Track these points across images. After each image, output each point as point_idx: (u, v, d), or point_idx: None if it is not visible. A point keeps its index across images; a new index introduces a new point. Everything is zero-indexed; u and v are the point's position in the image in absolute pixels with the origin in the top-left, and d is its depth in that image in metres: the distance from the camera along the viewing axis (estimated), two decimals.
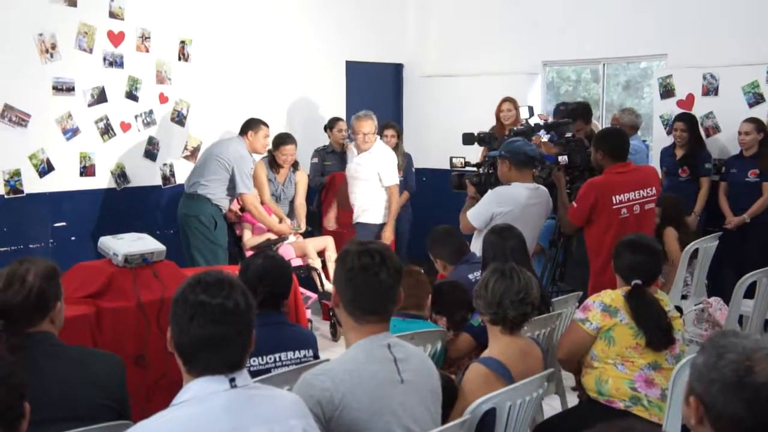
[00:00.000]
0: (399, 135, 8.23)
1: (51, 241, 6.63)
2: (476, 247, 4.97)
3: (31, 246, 6.48)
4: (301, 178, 7.50)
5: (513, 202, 5.11)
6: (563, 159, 5.65)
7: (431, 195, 8.68)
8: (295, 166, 7.41)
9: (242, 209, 6.96)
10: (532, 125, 6.14)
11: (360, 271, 2.51)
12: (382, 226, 6.94)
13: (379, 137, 7.14)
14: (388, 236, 6.92)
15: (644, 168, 5.73)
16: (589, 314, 3.74)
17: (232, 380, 2.12)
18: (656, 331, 3.66)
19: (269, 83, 8.09)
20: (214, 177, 6.53)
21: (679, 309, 4.04)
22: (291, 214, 7.43)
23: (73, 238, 6.73)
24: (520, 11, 8.69)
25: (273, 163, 7.28)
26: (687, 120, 7.21)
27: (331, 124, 8.20)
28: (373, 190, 6.94)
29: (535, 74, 8.74)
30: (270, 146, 7.15)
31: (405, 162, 8.23)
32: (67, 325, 3.04)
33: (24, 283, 2.72)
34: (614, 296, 3.76)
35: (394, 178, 7.04)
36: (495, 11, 8.86)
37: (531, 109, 6.54)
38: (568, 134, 6.05)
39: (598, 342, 3.72)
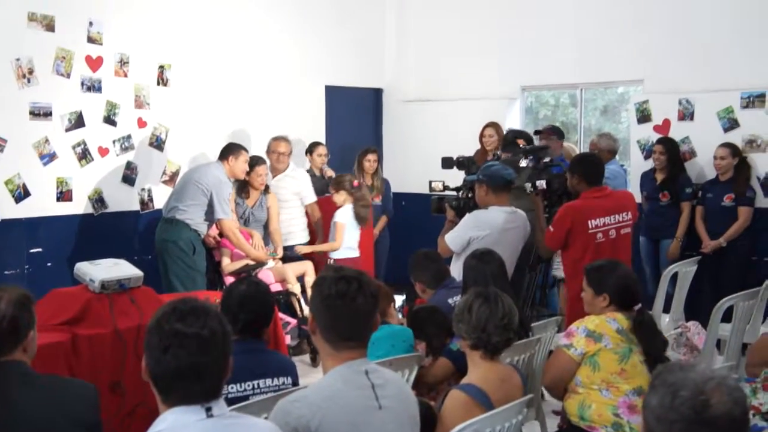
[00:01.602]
0: (379, 159, 8.26)
1: (26, 267, 6.57)
2: (455, 271, 4.99)
3: (6, 272, 6.42)
4: (273, 202, 7.47)
5: (490, 226, 5.13)
6: (541, 184, 5.68)
7: (410, 219, 8.71)
8: (266, 189, 7.40)
9: (221, 234, 6.92)
10: (527, 149, 6.18)
11: (336, 298, 2.50)
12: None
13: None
14: (302, 248, 7.38)
15: (620, 193, 5.77)
16: (573, 340, 3.74)
17: (208, 410, 2.10)
18: (660, 356, 3.68)
19: (248, 108, 8.11)
20: (192, 202, 6.51)
21: None
22: (266, 239, 7.41)
23: (49, 264, 6.67)
24: (499, 36, 8.76)
25: (242, 187, 7.27)
26: (665, 143, 7.28)
27: (310, 149, 8.21)
28: (294, 212, 7.48)
29: (514, 99, 8.80)
30: None
31: (383, 186, 8.25)
32: (43, 353, 3.01)
33: None
34: (598, 321, 3.76)
35: (313, 195, 7.54)
36: (474, 36, 8.93)
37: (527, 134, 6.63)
38: (546, 159, 6.08)
39: (583, 367, 3.72)
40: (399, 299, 5.24)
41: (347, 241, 7.20)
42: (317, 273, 6.95)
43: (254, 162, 7.12)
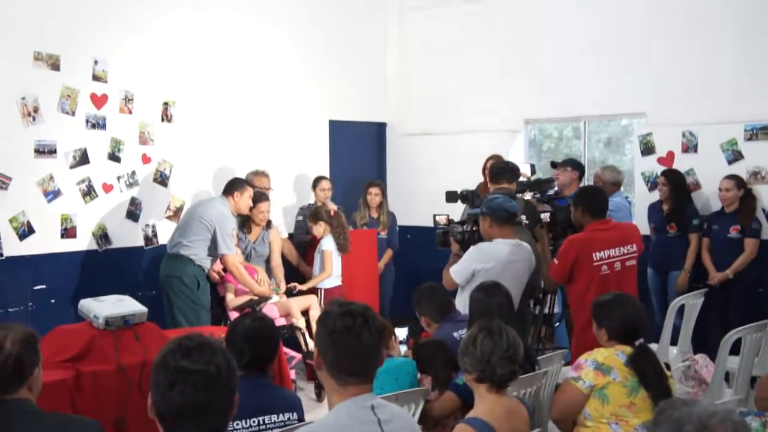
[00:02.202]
0: (383, 193, 8.30)
1: (30, 304, 6.57)
2: (460, 304, 4.99)
3: (9, 309, 6.42)
4: (275, 237, 7.51)
5: (495, 258, 5.14)
6: (546, 216, 5.70)
7: (416, 252, 8.71)
8: (268, 224, 7.43)
9: (225, 269, 6.93)
10: (531, 182, 6.20)
11: (342, 333, 2.50)
12: None
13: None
14: (301, 287, 7.42)
15: (625, 225, 5.79)
16: (581, 372, 3.74)
17: None
18: (661, 392, 3.66)
19: (252, 143, 8.16)
20: (196, 237, 6.53)
21: (667, 365, 4.05)
22: (269, 274, 7.42)
23: (53, 301, 6.67)
24: (502, 70, 8.82)
25: (244, 222, 7.30)
26: (669, 176, 7.29)
27: (314, 183, 8.25)
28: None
29: (518, 131, 8.84)
30: None
31: (389, 220, 8.28)
32: (47, 390, 3.01)
33: (1, 349, 2.69)
34: (607, 354, 3.76)
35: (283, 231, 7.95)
36: (477, 70, 8.99)
37: (533, 167, 6.65)
38: (551, 191, 6.10)
39: (592, 400, 3.71)
40: (402, 332, 5.21)
41: (334, 269, 7.38)
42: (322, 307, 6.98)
43: (257, 198, 7.15)
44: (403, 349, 4.91)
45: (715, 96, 7.44)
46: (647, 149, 7.82)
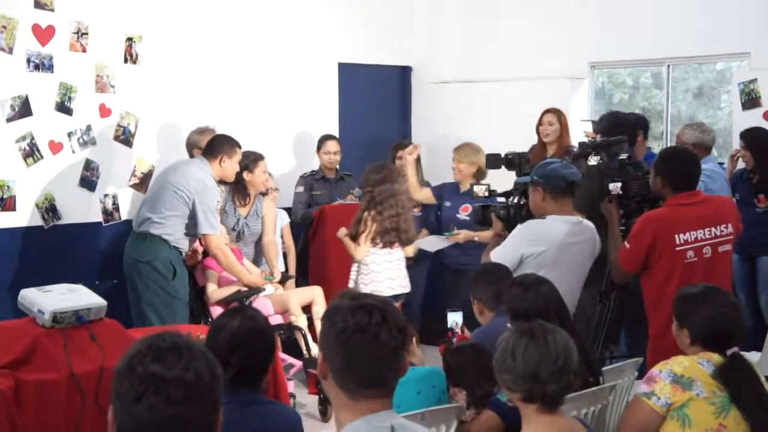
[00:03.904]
0: (418, 157, 8.22)
1: None
2: None
3: None
4: (270, 209, 7.55)
5: (548, 239, 5.16)
6: (615, 187, 5.69)
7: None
8: (263, 193, 7.50)
9: (206, 252, 6.96)
10: (596, 142, 6.18)
11: (354, 333, 2.51)
12: None
13: None
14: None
15: (718, 199, 5.75)
16: (655, 387, 3.74)
17: None
18: (760, 414, 3.67)
19: (240, 92, 8.19)
20: (170, 213, 6.53)
21: None
22: (259, 254, 7.45)
23: None
24: (561, 1, 8.79)
25: (239, 191, 7.31)
26: (749, 137, 7.19)
27: (319, 145, 8.28)
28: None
29: (581, 79, 8.81)
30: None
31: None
32: None
33: None
34: (687, 363, 3.76)
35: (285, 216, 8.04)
36: (527, 2, 8.96)
37: (594, 123, 6.63)
38: (623, 156, 6.08)
39: (669, 422, 3.71)
40: (457, 317, 5.14)
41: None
42: (329, 301, 7.00)
43: (256, 157, 7.18)
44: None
45: None
46: (750, 101, 7.77)
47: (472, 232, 7.41)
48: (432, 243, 7.79)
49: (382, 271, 6.95)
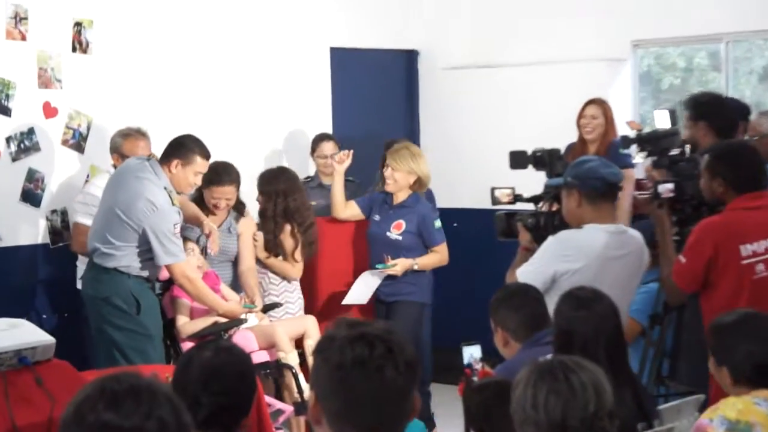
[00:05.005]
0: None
1: None
2: None
3: None
4: (247, 228, 7.48)
5: (586, 253, 5.15)
6: (666, 189, 5.66)
7: (463, 248, 8.66)
8: (239, 209, 7.44)
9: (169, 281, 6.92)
10: (641, 135, 6.15)
11: (354, 368, 2.47)
12: None
13: None
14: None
15: None
16: None
17: None
18: None
19: (213, 85, 8.20)
20: (121, 243, 6.42)
21: None
22: (236, 283, 7.41)
23: None
24: None
25: (200, 204, 7.28)
26: None
27: (313, 146, 8.30)
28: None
29: (622, 61, 8.83)
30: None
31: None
32: None
33: None
34: (741, 407, 3.75)
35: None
36: None
37: (673, 114, 6.50)
38: (674, 151, 6.06)
39: None
40: (474, 351, 5.10)
41: None
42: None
43: (215, 179, 7.05)
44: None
45: None
46: None
47: (410, 260, 7.31)
48: (361, 291, 7.46)
49: None
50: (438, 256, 7.49)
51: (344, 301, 7.36)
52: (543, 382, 3.27)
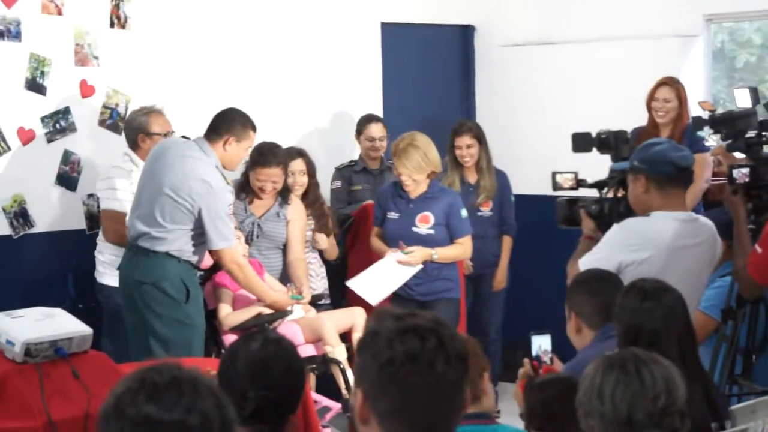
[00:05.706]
0: (481, 141, 8.17)
1: None
2: None
3: None
4: (298, 214, 7.49)
5: (653, 243, 5.12)
6: (741, 174, 5.62)
7: (521, 237, 8.67)
8: (284, 195, 7.42)
9: (215, 266, 6.93)
10: (714, 117, 6.10)
11: (404, 364, 2.48)
12: None
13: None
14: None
15: None
16: None
17: None
18: None
19: (258, 63, 8.21)
20: (173, 226, 6.41)
21: None
22: (285, 273, 7.44)
23: None
24: None
25: (246, 187, 7.32)
26: None
27: (359, 128, 8.30)
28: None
29: (693, 37, 8.76)
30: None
31: (496, 186, 8.17)
32: None
33: None
34: None
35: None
36: None
37: (755, 92, 6.44)
38: (751, 133, 6.02)
39: None
40: (544, 342, 5.07)
41: None
42: None
43: (260, 160, 7.10)
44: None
45: None
46: None
47: (429, 250, 7.15)
48: (375, 285, 7.26)
49: None
50: (461, 248, 7.33)
51: (348, 283, 7.33)
52: (612, 372, 3.28)
